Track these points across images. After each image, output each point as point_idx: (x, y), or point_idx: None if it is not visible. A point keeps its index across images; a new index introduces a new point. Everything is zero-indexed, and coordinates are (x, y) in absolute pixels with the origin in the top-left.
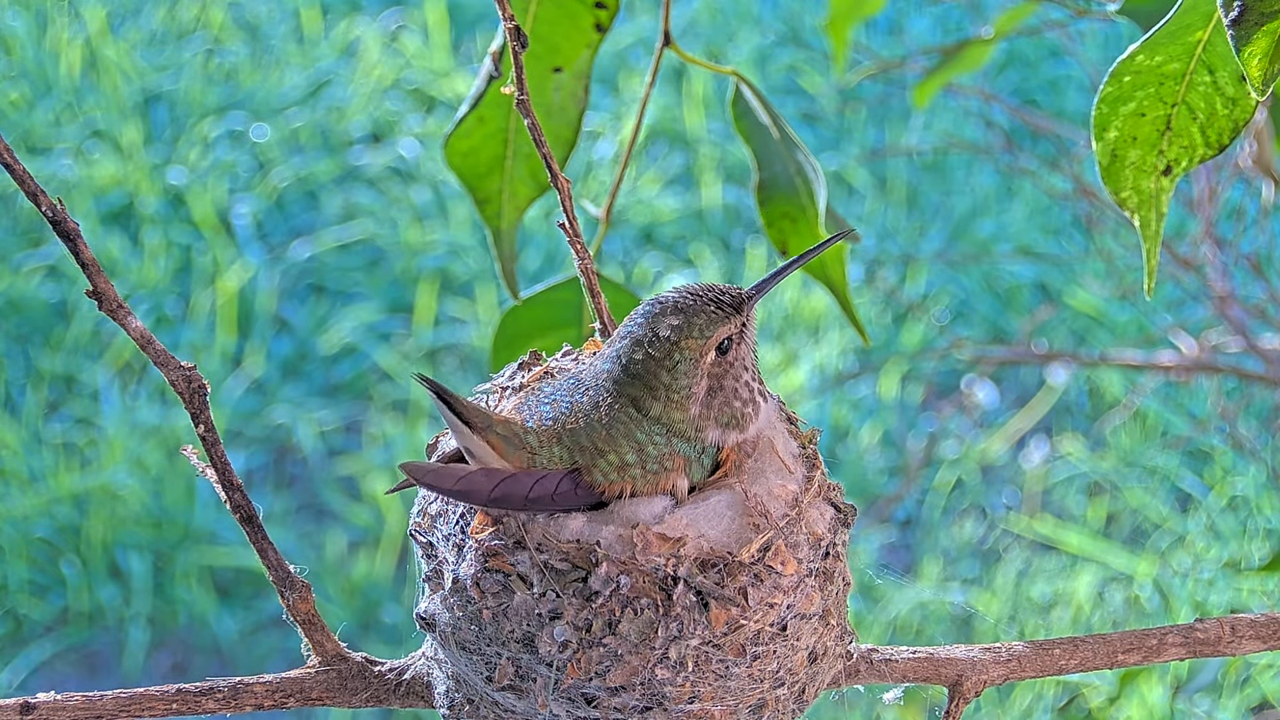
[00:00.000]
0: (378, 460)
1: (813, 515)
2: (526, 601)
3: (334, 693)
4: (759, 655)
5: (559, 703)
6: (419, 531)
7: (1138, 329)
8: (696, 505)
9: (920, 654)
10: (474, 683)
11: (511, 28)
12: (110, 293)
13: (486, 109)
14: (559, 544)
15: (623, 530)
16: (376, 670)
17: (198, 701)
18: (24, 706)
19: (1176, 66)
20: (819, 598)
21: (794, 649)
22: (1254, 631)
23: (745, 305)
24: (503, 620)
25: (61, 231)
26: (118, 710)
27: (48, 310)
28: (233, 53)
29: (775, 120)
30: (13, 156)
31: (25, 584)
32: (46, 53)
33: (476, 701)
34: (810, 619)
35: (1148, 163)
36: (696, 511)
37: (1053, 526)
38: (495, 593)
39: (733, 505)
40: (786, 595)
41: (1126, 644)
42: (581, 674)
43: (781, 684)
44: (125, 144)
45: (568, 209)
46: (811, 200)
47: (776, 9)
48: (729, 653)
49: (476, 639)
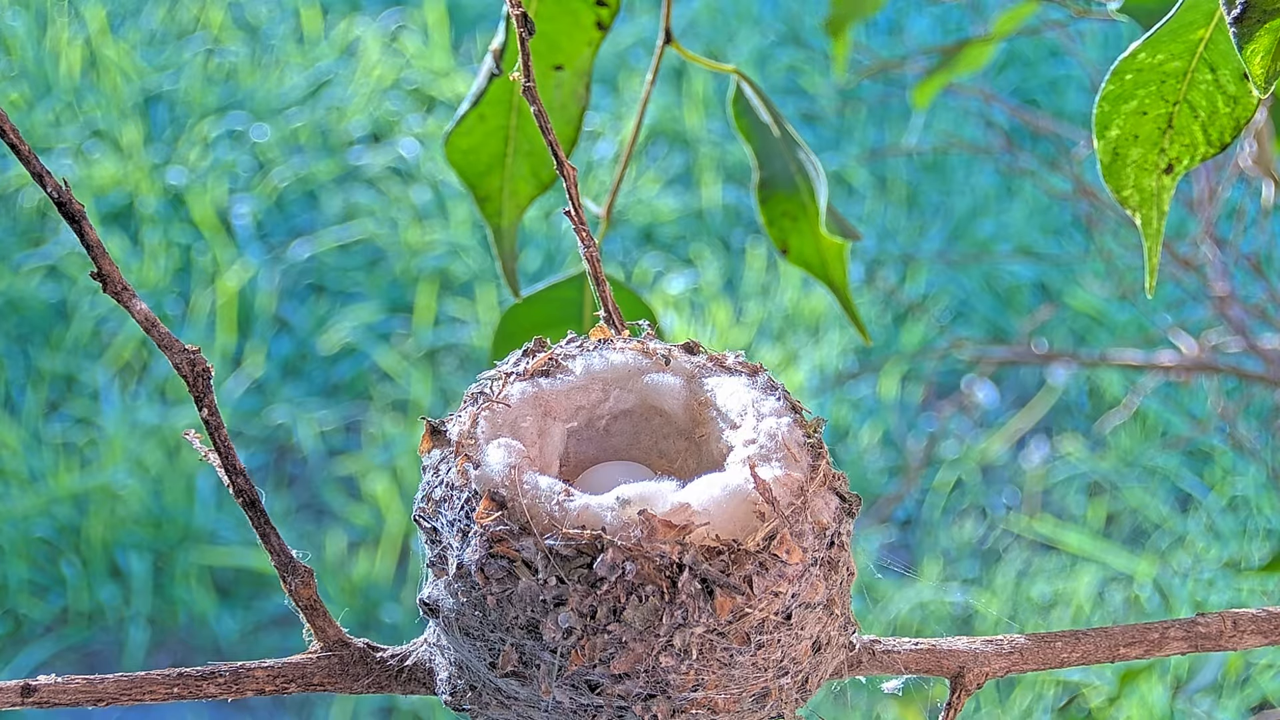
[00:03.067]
0: (378, 460)
1: (818, 504)
2: (531, 587)
3: (335, 678)
4: (763, 644)
5: (562, 689)
6: (423, 517)
7: (1138, 329)
8: (702, 492)
9: (922, 645)
10: (477, 669)
11: (518, 14)
12: (115, 275)
13: (487, 106)
14: (564, 530)
15: (629, 517)
16: (378, 656)
17: (199, 686)
18: (25, 689)
19: (1178, 64)
20: (824, 587)
21: (798, 638)
22: (1256, 626)
23: None
24: (507, 606)
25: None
26: (119, 694)
27: (48, 310)
28: (233, 53)
29: (776, 118)
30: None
31: (25, 584)
32: (46, 53)
33: (479, 688)
34: (815, 608)
35: (1149, 161)
36: (703, 499)
37: (1053, 526)
38: (500, 578)
39: (739, 492)
40: (791, 584)
41: (1128, 638)
42: (585, 661)
43: (785, 673)
44: (125, 144)
45: (573, 195)
46: (812, 198)
47: (776, 9)
48: (734, 641)
49: (480, 625)
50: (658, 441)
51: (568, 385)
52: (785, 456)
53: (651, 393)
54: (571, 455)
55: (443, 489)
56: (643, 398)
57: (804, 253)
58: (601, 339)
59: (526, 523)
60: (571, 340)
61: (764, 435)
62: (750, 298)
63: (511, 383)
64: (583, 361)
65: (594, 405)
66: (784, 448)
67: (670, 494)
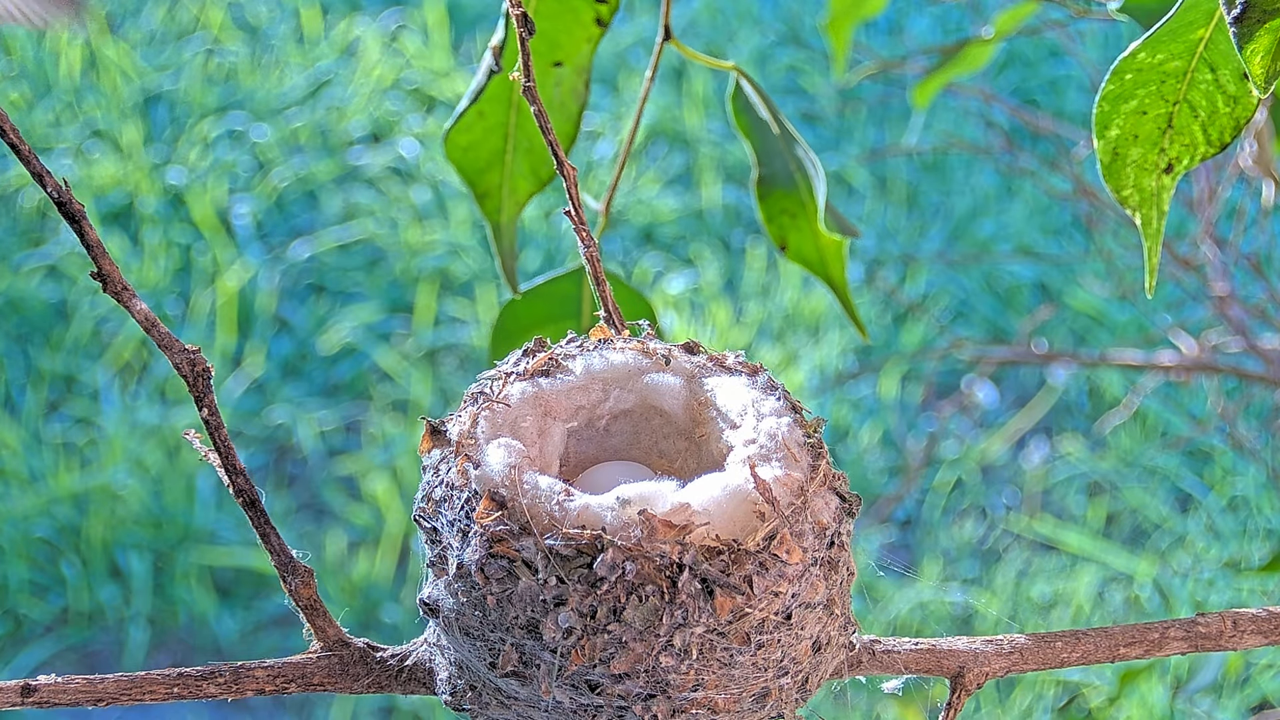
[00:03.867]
0: (378, 460)
1: (818, 504)
2: (531, 588)
3: (335, 678)
4: (764, 644)
5: (562, 689)
6: (423, 516)
7: (1138, 329)
8: (702, 492)
9: (922, 645)
10: (477, 669)
11: (519, 14)
12: (115, 275)
13: (487, 103)
14: (564, 530)
15: (629, 516)
16: (378, 656)
17: (199, 685)
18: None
19: (1178, 64)
20: (824, 587)
21: (798, 638)
22: (1256, 626)
23: None
24: (507, 606)
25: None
26: (119, 693)
27: (48, 310)
28: (233, 53)
29: (775, 115)
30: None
31: (25, 584)
32: (46, 53)
33: (479, 688)
34: (815, 608)
35: (1149, 161)
36: (702, 498)
37: (1053, 526)
38: (500, 578)
39: (739, 493)
40: (792, 584)
41: (1128, 638)
42: (585, 660)
43: (785, 673)
44: (125, 144)
45: (573, 195)
46: (811, 196)
47: (776, 9)
48: (734, 641)
49: (480, 625)
50: (658, 441)
51: (568, 385)
52: (785, 456)
53: (651, 393)
54: (571, 455)
55: (443, 489)
56: (643, 398)
57: (803, 250)
58: (601, 339)
59: (526, 522)
60: (571, 340)
61: (764, 435)
62: (750, 298)
63: (511, 382)
64: (583, 361)
65: (594, 405)
66: (784, 448)
67: (670, 494)
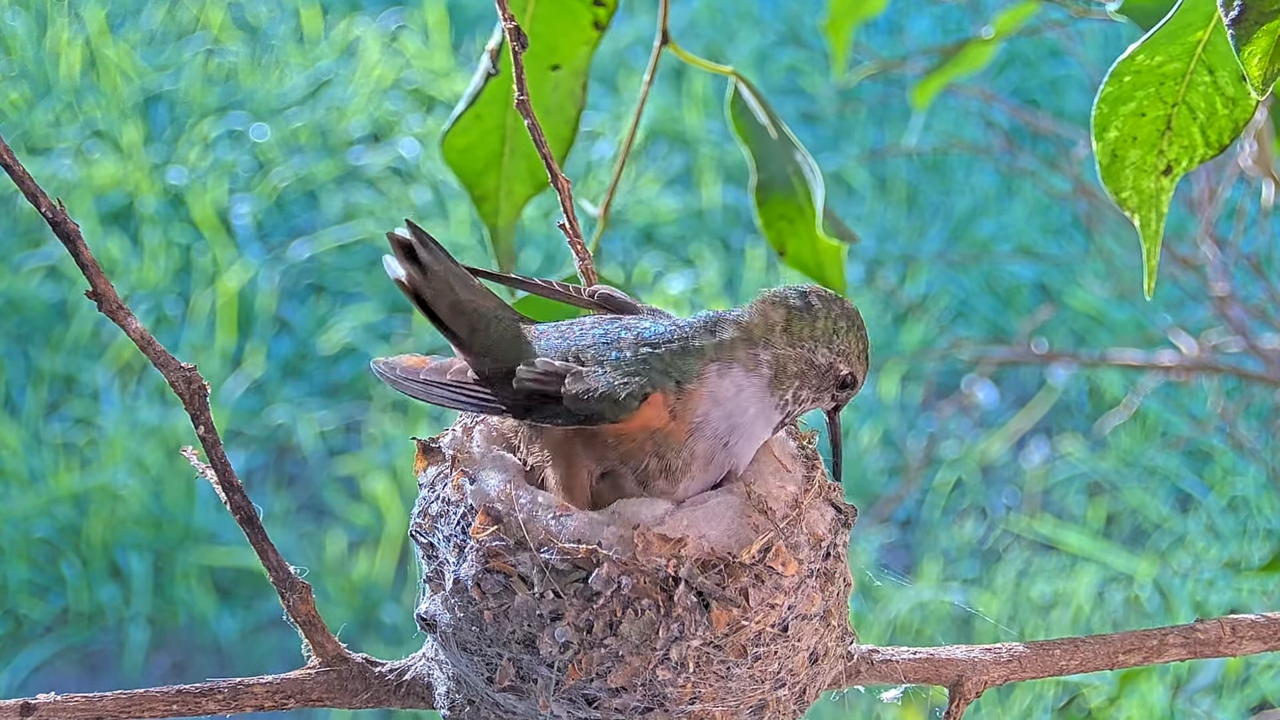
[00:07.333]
0: (378, 460)
1: (813, 516)
2: (527, 602)
3: (334, 693)
4: (760, 656)
5: (560, 704)
6: (420, 532)
7: (1138, 329)
8: (697, 506)
9: (921, 655)
10: (475, 684)
11: (511, 28)
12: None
13: (484, 106)
14: (560, 544)
15: (624, 531)
16: (376, 671)
17: (198, 702)
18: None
19: (1177, 66)
20: (820, 598)
21: (795, 650)
22: (1254, 632)
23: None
24: (504, 621)
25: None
26: (118, 711)
27: (48, 310)
28: (233, 53)
29: (773, 120)
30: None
31: (25, 584)
32: (46, 53)
33: (477, 703)
34: (811, 620)
35: (1148, 162)
36: (697, 512)
37: (1053, 526)
38: (496, 594)
39: (733, 506)
40: (787, 596)
41: (1127, 645)
42: (583, 675)
43: (782, 685)
44: (125, 144)
45: (568, 209)
46: (809, 201)
47: (776, 9)
48: (730, 654)
49: (477, 640)
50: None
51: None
52: (779, 469)
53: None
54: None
55: (439, 504)
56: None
57: (801, 255)
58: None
59: (522, 537)
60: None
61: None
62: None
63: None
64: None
65: None
66: (777, 460)
67: (665, 507)
